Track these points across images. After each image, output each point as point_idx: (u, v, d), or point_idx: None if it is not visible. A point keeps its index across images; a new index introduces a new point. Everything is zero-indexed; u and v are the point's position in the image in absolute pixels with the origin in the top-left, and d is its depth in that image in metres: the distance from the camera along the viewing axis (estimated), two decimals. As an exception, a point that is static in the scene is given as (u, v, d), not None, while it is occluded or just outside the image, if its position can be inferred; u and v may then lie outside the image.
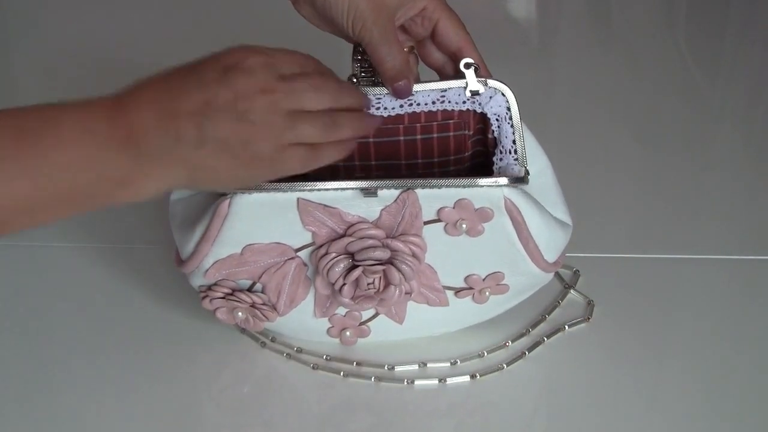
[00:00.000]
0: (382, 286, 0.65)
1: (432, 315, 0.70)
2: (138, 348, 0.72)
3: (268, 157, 0.56)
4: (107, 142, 0.54)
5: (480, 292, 0.69)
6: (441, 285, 0.68)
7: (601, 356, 0.72)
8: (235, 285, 0.67)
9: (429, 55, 0.68)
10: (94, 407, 0.67)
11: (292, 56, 0.59)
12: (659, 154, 1.01)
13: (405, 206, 0.63)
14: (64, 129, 0.54)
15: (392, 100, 0.66)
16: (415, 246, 0.65)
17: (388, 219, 0.64)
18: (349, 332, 0.71)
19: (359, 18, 0.62)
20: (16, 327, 0.75)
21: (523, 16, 1.43)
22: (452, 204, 0.63)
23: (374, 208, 0.63)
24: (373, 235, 0.64)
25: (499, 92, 0.65)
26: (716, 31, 1.34)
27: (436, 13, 0.66)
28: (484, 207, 0.63)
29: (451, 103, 0.66)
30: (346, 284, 0.65)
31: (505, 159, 0.66)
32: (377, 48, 0.63)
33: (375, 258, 0.64)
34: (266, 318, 0.68)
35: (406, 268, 0.64)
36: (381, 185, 0.62)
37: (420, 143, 0.69)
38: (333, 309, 0.69)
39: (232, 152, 0.55)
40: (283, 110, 0.56)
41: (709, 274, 0.81)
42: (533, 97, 1.09)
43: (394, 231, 0.64)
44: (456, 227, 0.64)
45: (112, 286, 0.78)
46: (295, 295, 0.68)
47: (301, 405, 0.68)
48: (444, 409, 0.68)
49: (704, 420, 0.66)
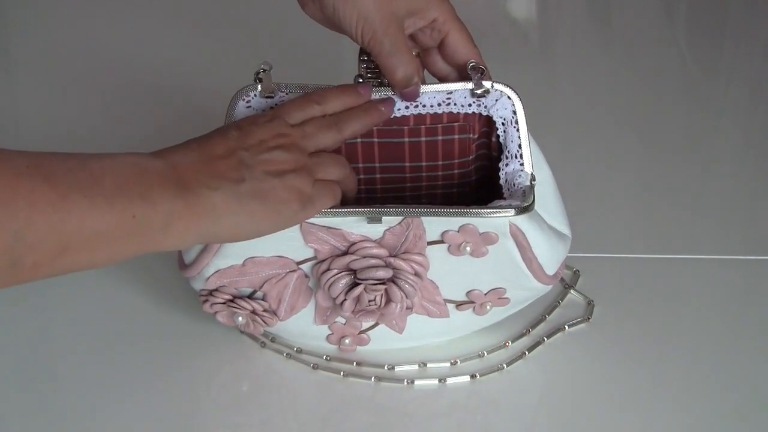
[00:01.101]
0: (384, 302, 0.65)
1: (432, 325, 0.70)
2: (137, 347, 0.72)
3: (298, 193, 0.58)
4: (160, 178, 0.54)
5: (481, 305, 0.69)
6: (442, 299, 0.68)
7: (601, 356, 0.72)
8: (236, 292, 0.67)
9: (434, 64, 0.68)
10: (94, 406, 0.67)
11: (297, 105, 0.62)
12: (659, 154, 1.01)
13: (409, 228, 0.63)
14: (122, 169, 0.53)
15: (398, 101, 0.65)
16: (418, 264, 0.64)
17: (391, 239, 0.63)
18: (349, 340, 0.71)
19: (369, 29, 0.62)
20: (15, 327, 0.74)
21: (523, 16, 1.43)
22: (456, 228, 0.63)
23: (378, 228, 0.63)
24: (376, 254, 0.63)
25: (505, 95, 0.65)
26: (716, 31, 1.34)
27: (447, 25, 0.65)
28: (488, 232, 0.63)
29: (457, 106, 0.66)
30: (348, 300, 0.65)
31: (511, 164, 0.65)
32: (388, 58, 0.63)
33: (377, 278, 0.64)
34: (266, 324, 0.68)
35: (408, 287, 0.64)
36: (386, 212, 0.62)
37: (424, 145, 0.68)
38: (333, 318, 0.69)
39: (267, 189, 0.57)
40: (303, 150, 0.60)
41: (709, 274, 0.81)
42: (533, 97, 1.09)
43: (397, 250, 0.64)
44: (459, 249, 0.63)
45: (112, 285, 0.78)
46: (296, 303, 0.68)
47: (300, 404, 0.68)
48: (444, 409, 0.68)
49: (704, 420, 0.66)
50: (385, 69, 0.64)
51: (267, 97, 0.65)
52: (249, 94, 0.65)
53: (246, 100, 0.65)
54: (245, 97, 0.65)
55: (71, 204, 0.50)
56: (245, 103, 0.65)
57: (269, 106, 0.65)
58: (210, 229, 0.56)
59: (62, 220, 0.50)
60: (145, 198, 0.53)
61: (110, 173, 0.53)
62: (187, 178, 0.55)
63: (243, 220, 0.57)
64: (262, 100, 0.65)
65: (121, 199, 0.52)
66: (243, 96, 0.65)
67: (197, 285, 0.67)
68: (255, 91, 0.65)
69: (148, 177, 0.54)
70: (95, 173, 0.52)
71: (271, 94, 0.65)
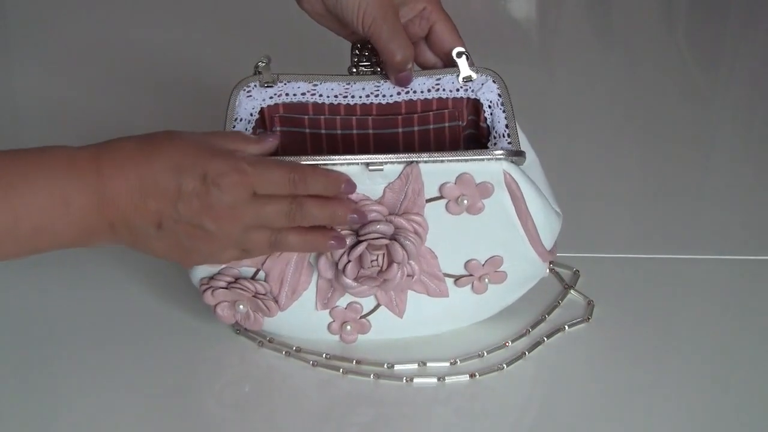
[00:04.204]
0: (386, 264, 0.66)
1: (432, 309, 0.70)
2: (135, 348, 0.72)
3: (206, 256, 0.63)
4: (79, 214, 0.58)
5: (480, 279, 0.69)
6: (441, 272, 0.69)
7: (601, 356, 0.72)
8: (237, 273, 0.67)
9: (421, 54, 0.72)
10: (93, 406, 0.67)
11: (273, 177, 0.61)
12: (659, 154, 1.01)
13: (408, 182, 0.64)
14: (41, 191, 0.57)
15: (390, 87, 0.69)
16: (418, 225, 0.66)
17: (391, 197, 0.65)
18: (350, 326, 0.71)
19: (369, 15, 0.67)
20: (15, 325, 0.74)
21: (523, 16, 1.43)
22: (454, 179, 0.64)
23: (378, 186, 0.65)
24: (377, 209, 0.65)
25: (490, 79, 0.69)
26: (716, 31, 1.34)
27: (434, 15, 0.70)
28: (484, 182, 0.64)
29: (446, 91, 0.70)
30: (351, 261, 0.65)
31: (499, 143, 0.68)
32: (388, 43, 0.67)
33: (379, 231, 0.65)
34: (268, 310, 0.68)
35: (410, 244, 0.65)
36: (385, 159, 0.64)
37: (417, 135, 0.71)
38: (335, 299, 0.69)
39: (178, 243, 0.61)
40: (241, 226, 0.61)
41: (709, 274, 0.81)
42: (533, 97, 1.10)
43: (398, 209, 0.65)
44: (457, 203, 0.65)
45: (111, 286, 0.78)
46: (297, 284, 0.68)
47: (300, 401, 0.68)
48: (443, 408, 0.68)
49: (704, 420, 0.66)
50: (385, 53, 0.68)
51: (267, 86, 0.69)
52: (249, 85, 0.69)
53: (247, 90, 0.69)
54: (246, 87, 0.69)
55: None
56: (246, 93, 0.69)
57: (269, 96, 0.69)
58: (114, 243, 0.62)
59: None
60: (62, 235, 0.59)
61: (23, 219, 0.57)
62: (112, 215, 0.59)
63: (141, 247, 0.62)
64: (262, 90, 0.69)
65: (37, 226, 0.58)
66: (243, 86, 0.69)
67: (198, 272, 0.67)
68: (255, 82, 0.69)
69: (72, 205, 0.58)
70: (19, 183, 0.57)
71: (271, 84, 0.69)
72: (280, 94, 0.69)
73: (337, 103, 0.70)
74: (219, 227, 0.60)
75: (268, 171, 0.60)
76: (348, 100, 0.70)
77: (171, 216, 0.59)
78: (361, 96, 0.70)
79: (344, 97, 0.70)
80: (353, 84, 0.70)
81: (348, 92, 0.69)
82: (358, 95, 0.70)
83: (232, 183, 0.59)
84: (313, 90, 0.69)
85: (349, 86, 0.70)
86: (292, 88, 0.69)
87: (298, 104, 0.70)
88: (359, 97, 0.70)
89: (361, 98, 0.70)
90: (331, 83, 0.70)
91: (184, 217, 0.59)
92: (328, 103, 0.70)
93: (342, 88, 0.69)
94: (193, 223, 0.59)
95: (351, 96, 0.70)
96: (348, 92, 0.69)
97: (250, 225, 0.61)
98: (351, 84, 0.70)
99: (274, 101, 0.69)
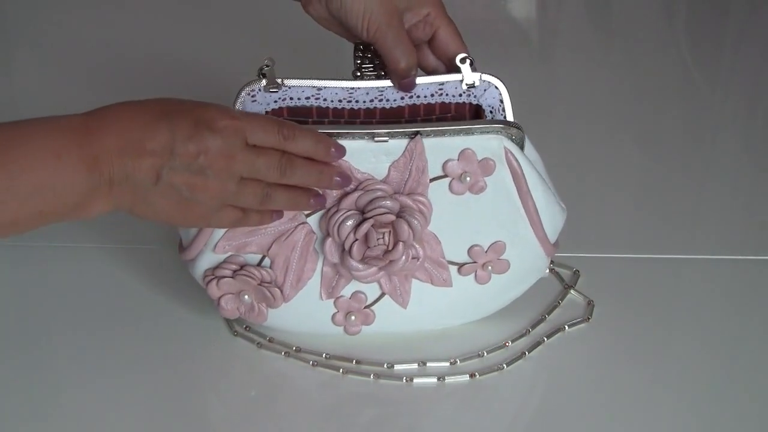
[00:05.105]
0: (392, 243, 0.66)
1: (435, 301, 0.71)
2: (134, 349, 0.72)
3: (206, 211, 0.62)
4: (73, 168, 0.57)
5: (483, 266, 0.70)
6: (445, 259, 0.69)
7: (601, 356, 0.72)
8: (243, 261, 0.68)
9: (424, 58, 0.72)
10: (93, 406, 0.67)
11: (264, 126, 0.62)
12: (659, 154, 1.01)
13: (412, 159, 0.65)
14: (33, 151, 0.57)
15: (394, 92, 0.69)
16: (422, 205, 0.67)
17: (396, 176, 0.66)
18: (354, 316, 0.71)
19: (374, 22, 0.67)
20: (18, 326, 0.75)
21: (523, 16, 1.43)
22: (456, 155, 0.66)
23: (382, 164, 0.66)
24: (382, 188, 0.66)
25: (492, 85, 0.69)
26: (716, 31, 1.34)
27: (438, 20, 0.70)
28: (486, 158, 0.66)
29: (449, 96, 0.70)
30: (357, 240, 0.66)
31: None
32: (393, 50, 0.68)
33: (385, 207, 0.65)
34: (273, 298, 0.68)
35: (415, 222, 0.66)
36: (389, 130, 0.65)
37: None
38: (339, 288, 0.69)
39: (178, 198, 0.60)
40: (236, 176, 0.61)
41: (709, 274, 0.81)
42: (533, 98, 1.10)
43: (402, 189, 0.66)
44: (461, 181, 0.66)
45: (112, 285, 0.78)
46: (302, 272, 0.68)
47: (300, 400, 0.68)
48: (443, 407, 0.68)
49: (704, 420, 0.66)
50: (389, 59, 0.68)
51: (271, 91, 0.68)
52: (254, 88, 0.69)
53: (251, 94, 0.68)
54: (250, 91, 0.68)
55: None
56: (251, 98, 0.68)
57: (273, 101, 0.69)
58: (113, 208, 0.60)
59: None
60: (55, 192, 0.57)
61: (22, 171, 0.56)
62: (105, 171, 0.58)
63: (142, 208, 0.61)
64: (266, 95, 0.69)
65: (30, 196, 0.56)
66: (248, 90, 0.68)
67: (203, 263, 0.68)
68: (259, 86, 0.68)
69: (63, 171, 0.57)
70: (7, 166, 0.56)
71: (276, 89, 0.68)
72: (285, 98, 0.69)
73: (341, 108, 0.70)
74: (215, 174, 0.60)
75: (258, 119, 0.63)
76: (352, 105, 0.70)
77: (168, 164, 0.59)
78: (365, 101, 0.70)
79: (348, 101, 0.70)
80: (357, 89, 0.70)
81: (352, 97, 0.69)
82: (362, 100, 0.70)
83: (225, 126, 0.60)
84: (317, 94, 0.69)
85: (353, 91, 0.70)
86: (296, 93, 0.69)
87: (302, 108, 0.69)
88: (363, 102, 0.70)
89: (365, 103, 0.70)
90: (335, 88, 0.70)
91: (181, 164, 0.59)
92: (332, 107, 0.70)
93: (346, 92, 0.69)
94: (191, 169, 0.59)
95: (355, 101, 0.70)
96: (352, 97, 0.69)
97: (244, 175, 0.61)
98: (355, 89, 0.70)
99: (278, 105, 0.69)
